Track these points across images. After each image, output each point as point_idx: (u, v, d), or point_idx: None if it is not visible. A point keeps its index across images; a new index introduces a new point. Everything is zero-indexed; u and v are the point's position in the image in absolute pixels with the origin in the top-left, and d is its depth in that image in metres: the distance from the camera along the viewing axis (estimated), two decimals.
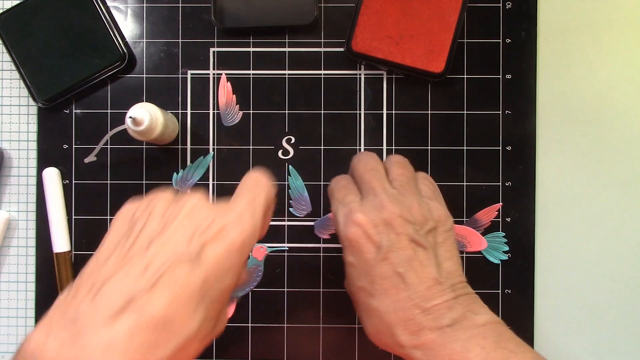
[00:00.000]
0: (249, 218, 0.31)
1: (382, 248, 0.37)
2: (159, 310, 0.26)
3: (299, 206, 0.52)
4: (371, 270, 0.37)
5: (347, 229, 0.38)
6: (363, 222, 0.38)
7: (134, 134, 0.45)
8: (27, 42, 0.50)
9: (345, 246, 0.39)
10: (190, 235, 0.29)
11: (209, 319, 0.29)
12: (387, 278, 0.37)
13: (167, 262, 0.28)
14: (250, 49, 0.52)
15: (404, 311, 0.36)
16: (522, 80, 0.52)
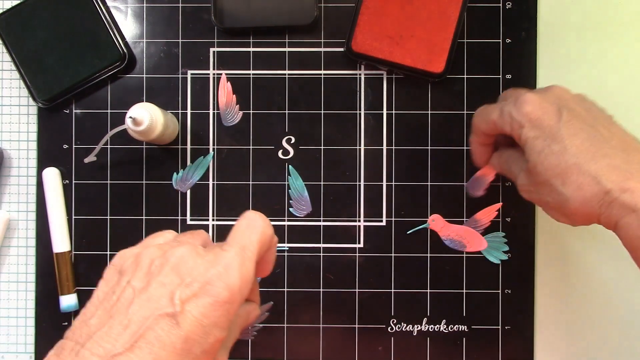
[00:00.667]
0: (236, 269, 0.29)
1: (563, 114, 0.38)
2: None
3: (299, 206, 0.52)
4: (557, 132, 0.37)
5: (522, 108, 0.39)
6: (535, 98, 0.39)
7: (134, 134, 0.45)
8: (27, 42, 0.50)
9: (524, 125, 0.39)
10: (172, 290, 0.28)
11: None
12: (577, 134, 0.37)
13: (147, 321, 0.27)
14: (250, 49, 0.52)
15: (606, 158, 0.36)
16: (522, 80, 0.52)
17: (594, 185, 0.36)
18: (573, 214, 0.38)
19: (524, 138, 0.39)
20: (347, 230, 0.52)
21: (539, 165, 0.38)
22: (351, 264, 0.52)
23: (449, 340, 0.51)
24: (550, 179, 0.37)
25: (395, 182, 0.52)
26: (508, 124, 0.40)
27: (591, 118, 0.38)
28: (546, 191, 0.38)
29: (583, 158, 0.36)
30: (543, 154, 0.38)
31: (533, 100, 0.39)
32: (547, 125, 0.38)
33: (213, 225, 0.52)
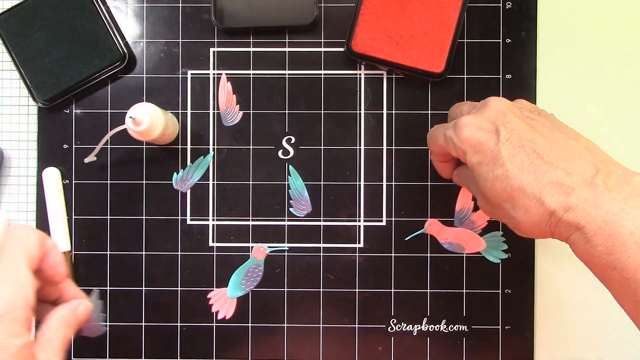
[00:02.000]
0: (4, 282, 0.31)
1: (500, 132, 0.37)
2: None
3: (299, 206, 0.52)
4: (499, 156, 0.37)
5: (460, 134, 0.39)
6: (472, 121, 0.39)
7: (134, 134, 0.45)
8: (27, 42, 0.50)
9: (466, 151, 0.39)
10: None
11: None
12: (517, 155, 0.37)
13: None
14: (250, 49, 0.52)
15: (547, 175, 0.36)
16: (522, 80, 0.52)
17: (539, 207, 0.36)
18: (527, 234, 0.38)
19: (470, 164, 0.39)
20: (347, 230, 0.52)
21: (487, 192, 0.38)
22: (351, 264, 0.52)
23: (449, 340, 0.51)
24: (501, 203, 0.38)
25: (395, 182, 0.52)
26: (453, 150, 0.40)
27: (529, 129, 0.38)
28: (501, 214, 0.39)
29: (526, 179, 0.36)
30: (489, 180, 0.38)
31: (469, 124, 0.39)
32: (487, 149, 0.38)
33: (213, 225, 0.52)
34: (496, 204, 0.38)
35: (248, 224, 0.52)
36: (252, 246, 0.52)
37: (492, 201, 0.38)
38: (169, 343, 0.52)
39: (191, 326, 0.52)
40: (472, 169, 0.39)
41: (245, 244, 0.52)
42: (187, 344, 0.52)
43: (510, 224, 0.39)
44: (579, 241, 0.35)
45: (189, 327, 0.52)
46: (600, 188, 0.35)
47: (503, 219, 0.39)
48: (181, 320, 0.52)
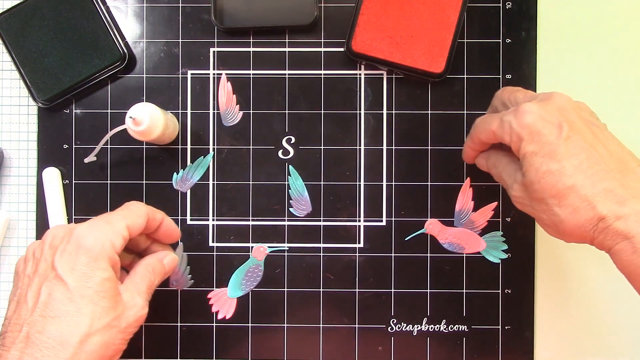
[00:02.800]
0: (94, 231, 0.38)
1: (563, 128, 0.37)
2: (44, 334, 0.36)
3: (299, 206, 0.52)
4: (557, 150, 0.37)
5: (522, 119, 0.38)
6: (536, 110, 0.38)
7: (134, 134, 0.45)
8: (27, 42, 0.50)
9: (523, 138, 0.38)
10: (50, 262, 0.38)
11: (100, 313, 0.36)
12: (576, 155, 0.37)
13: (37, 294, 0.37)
14: (250, 49, 0.52)
15: (604, 181, 0.36)
16: (522, 80, 0.52)
17: (589, 210, 0.36)
18: (567, 234, 0.38)
19: (523, 152, 0.38)
20: (347, 230, 0.52)
21: (535, 183, 0.38)
22: (351, 264, 0.52)
23: (449, 340, 0.51)
24: (546, 198, 0.37)
25: (395, 182, 0.52)
26: (507, 135, 0.39)
27: (591, 134, 0.38)
28: (541, 208, 0.38)
29: (581, 181, 0.36)
30: (541, 172, 0.37)
31: (533, 112, 0.38)
32: (546, 142, 0.37)
33: (213, 225, 0.52)
34: (540, 197, 0.38)
35: (248, 224, 0.52)
36: (252, 246, 0.52)
37: (536, 193, 0.38)
38: (169, 343, 0.51)
39: (191, 326, 0.52)
40: (524, 157, 0.38)
41: (245, 244, 0.52)
42: (187, 344, 0.52)
43: (548, 221, 0.38)
44: (624, 251, 0.35)
45: (189, 327, 0.52)
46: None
47: (541, 214, 0.38)
48: (181, 320, 0.52)
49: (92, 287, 0.36)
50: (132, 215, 0.40)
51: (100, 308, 0.36)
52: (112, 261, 0.38)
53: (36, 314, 0.36)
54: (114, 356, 0.37)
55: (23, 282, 0.38)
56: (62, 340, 0.35)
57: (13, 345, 0.35)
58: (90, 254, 0.37)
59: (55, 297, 0.36)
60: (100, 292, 0.36)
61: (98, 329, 0.36)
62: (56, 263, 0.37)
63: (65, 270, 0.36)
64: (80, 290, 0.36)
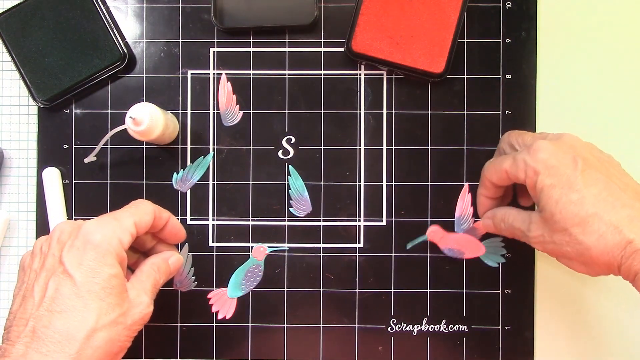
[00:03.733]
0: (102, 227, 0.38)
1: (578, 162, 0.38)
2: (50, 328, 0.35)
3: (299, 206, 0.52)
4: (575, 181, 0.38)
5: (537, 155, 0.39)
6: (549, 146, 0.39)
7: (134, 134, 0.45)
8: (27, 42, 0.50)
9: (540, 172, 0.39)
10: (57, 257, 0.38)
11: (106, 309, 0.36)
12: (594, 184, 0.38)
13: (44, 289, 0.37)
14: (250, 49, 0.52)
15: (626, 208, 0.37)
16: (522, 80, 0.52)
17: (616, 234, 0.36)
18: (594, 262, 0.38)
19: (540, 186, 0.39)
20: (347, 230, 0.52)
21: (557, 214, 0.38)
22: (351, 264, 0.52)
23: (449, 340, 0.51)
24: (569, 227, 0.38)
25: (395, 182, 0.52)
26: (522, 171, 0.40)
27: (604, 168, 0.39)
28: (564, 240, 0.38)
29: (602, 208, 0.37)
30: (561, 202, 0.38)
31: (547, 148, 0.39)
32: (563, 174, 0.38)
33: (213, 225, 0.52)
34: (562, 227, 0.38)
35: (248, 224, 0.52)
36: (252, 246, 0.52)
37: (558, 224, 0.38)
38: (169, 343, 0.52)
39: (191, 326, 0.52)
40: (542, 191, 0.39)
41: (245, 244, 0.52)
42: (187, 344, 0.52)
43: (573, 252, 0.38)
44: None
45: (189, 327, 0.52)
46: None
47: (564, 247, 0.39)
48: (181, 320, 0.52)
49: (100, 283, 0.36)
50: (139, 212, 0.40)
51: (106, 304, 0.36)
52: (120, 258, 0.38)
53: (42, 309, 0.36)
54: (118, 353, 0.38)
55: (29, 277, 0.38)
56: (69, 335, 0.35)
57: (18, 340, 0.35)
58: (98, 249, 0.37)
59: (63, 292, 0.36)
60: (107, 288, 0.37)
61: (104, 325, 0.36)
62: (64, 258, 0.37)
63: (73, 265, 0.36)
64: (87, 286, 0.36)
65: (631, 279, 0.37)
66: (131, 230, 0.39)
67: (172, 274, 0.43)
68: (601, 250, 0.37)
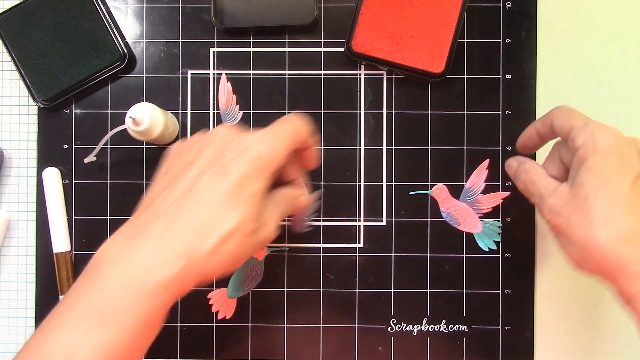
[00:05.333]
0: (269, 139, 0.37)
1: (637, 182, 0.38)
2: (194, 214, 0.35)
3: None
4: (623, 185, 0.37)
5: (607, 136, 0.38)
6: (622, 138, 0.38)
7: (134, 134, 0.45)
8: (27, 42, 0.50)
9: (599, 151, 0.37)
10: (214, 155, 0.37)
11: (248, 219, 0.36)
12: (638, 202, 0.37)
13: (195, 179, 0.36)
14: (250, 49, 0.52)
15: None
16: (522, 80, 0.52)
17: (635, 245, 0.35)
18: (593, 256, 0.36)
19: (590, 163, 0.37)
20: (347, 230, 0.52)
21: (591, 196, 0.36)
22: (351, 264, 0.52)
23: (449, 340, 0.51)
24: (595, 214, 0.36)
25: (395, 182, 0.52)
26: (584, 138, 0.38)
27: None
28: (580, 223, 0.37)
29: (634, 220, 0.36)
30: (602, 190, 0.36)
31: (619, 138, 0.38)
32: (617, 169, 0.37)
33: None
34: (588, 211, 0.37)
35: None
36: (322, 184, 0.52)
37: (587, 206, 0.37)
38: (169, 343, 0.51)
39: (191, 326, 0.52)
40: (589, 168, 0.37)
41: None
42: (187, 344, 0.52)
43: (582, 236, 0.36)
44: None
45: (189, 327, 0.52)
46: None
47: (575, 227, 0.37)
48: (181, 320, 0.52)
49: (248, 193, 0.36)
50: (300, 133, 0.40)
51: (248, 215, 0.36)
52: (274, 174, 0.38)
53: (189, 195, 0.35)
54: (237, 264, 0.37)
55: (181, 164, 0.37)
56: (208, 229, 0.34)
57: (158, 219, 0.35)
58: (259, 161, 0.36)
59: (212, 189, 0.35)
60: (252, 200, 0.36)
61: (239, 234, 0.35)
62: (221, 160, 0.36)
63: (231, 168, 0.36)
64: (237, 191, 0.35)
65: (626, 298, 0.36)
66: (289, 149, 0.38)
67: (295, 211, 0.44)
68: (610, 250, 0.35)
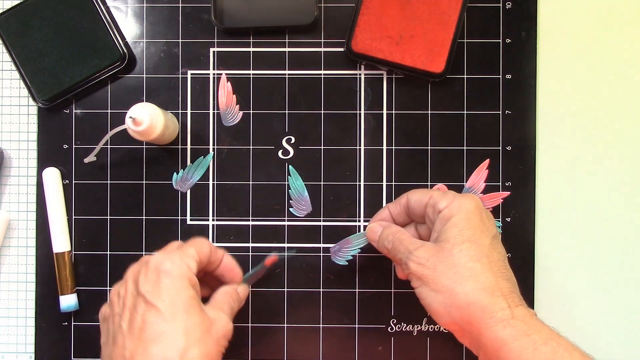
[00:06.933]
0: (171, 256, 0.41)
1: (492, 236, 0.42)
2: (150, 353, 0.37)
3: (299, 206, 0.52)
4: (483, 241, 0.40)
5: (467, 201, 0.42)
6: (480, 202, 0.42)
7: (134, 134, 0.45)
8: (27, 42, 0.50)
9: (462, 210, 0.41)
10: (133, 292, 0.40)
11: (194, 325, 0.38)
12: (499, 255, 0.41)
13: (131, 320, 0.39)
14: (250, 49, 0.52)
15: (515, 289, 0.40)
16: (522, 80, 0.52)
17: (498, 297, 0.38)
18: (457, 306, 0.38)
19: (454, 222, 0.40)
20: (347, 230, 0.52)
21: (456, 249, 0.39)
22: (351, 264, 0.52)
23: (449, 340, 0.51)
24: (461, 265, 0.39)
25: (395, 182, 0.52)
26: (446, 201, 0.41)
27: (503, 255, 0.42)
28: (447, 274, 0.39)
29: (497, 271, 0.39)
30: (465, 244, 0.40)
31: (478, 203, 0.41)
32: (477, 229, 0.40)
33: (213, 225, 0.52)
34: (454, 263, 0.40)
35: (248, 224, 0.52)
36: (322, 184, 0.52)
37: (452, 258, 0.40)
38: None
39: None
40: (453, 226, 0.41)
41: (246, 244, 0.52)
42: None
43: (447, 287, 0.39)
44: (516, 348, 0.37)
45: None
46: None
47: (442, 278, 0.40)
48: None
49: (181, 306, 0.38)
50: (197, 244, 0.43)
51: (192, 323, 0.38)
52: (192, 282, 0.40)
53: (135, 341, 0.37)
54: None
55: (114, 322, 0.40)
56: (166, 357, 0.37)
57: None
58: (171, 276, 0.39)
59: (150, 320, 0.37)
60: (189, 309, 0.38)
61: (194, 342, 0.38)
62: (142, 291, 0.38)
63: (153, 295, 0.38)
64: (170, 310, 0.38)
65: (496, 347, 0.37)
66: (195, 257, 0.41)
67: (241, 302, 0.45)
68: (476, 300, 0.38)
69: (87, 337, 0.52)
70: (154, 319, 0.37)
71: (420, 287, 0.41)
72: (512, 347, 0.36)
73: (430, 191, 0.44)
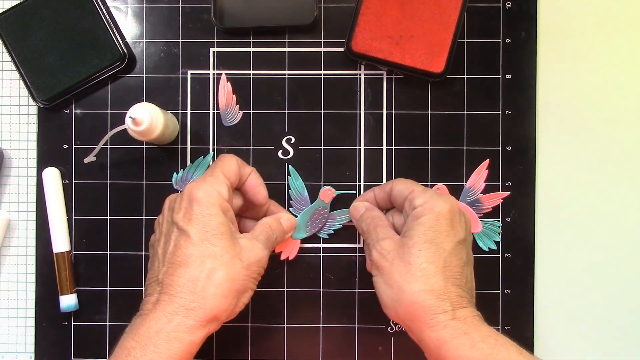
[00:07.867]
0: (199, 184, 0.43)
1: (460, 242, 0.43)
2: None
3: (299, 206, 0.52)
4: (445, 245, 0.41)
5: (442, 203, 0.42)
6: (455, 205, 0.43)
7: (134, 134, 0.45)
8: (27, 42, 0.50)
9: (434, 212, 0.42)
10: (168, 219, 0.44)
11: (222, 249, 0.41)
12: (459, 260, 0.42)
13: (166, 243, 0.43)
14: (250, 49, 0.52)
15: (465, 294, 0.41)
16: (522, 80, 0.52)
17: (444, 300, 0.39)
18: (404, 302, 0.40)
19: (423, 221, 0.41)
20: (347, 230, 0.52)
21: (415, 248, 0.40)
22: (351, 264, 0.52)
23: None
24: (415, 265, 0.40)
25: None
26: (422, 199, 0.42)
27: (470, 262, 0.43)
28: (400, 271, 0.40)
29: (450, 275, 0.40)
30: (426, 245, 0.40)
31: (453, 205, 0.42)
32: (443, 232, 0.41)
33: None
34: (409, 261, 0.41)
35: None
36: (322, 184, 0.51)
37: (409, 256, 0.41)
38: None
39: None
40: (421, 225, 0.41)
41: None
42: None
43: (398, 282, 0.40)
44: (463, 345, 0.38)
45: None
46: None
47: (395, 273, 0.41)
48: None
49: (210, 231, 0.41)
50: (225, 164, 0.44)
51: (220, 248, 0.40)
52: (223, 207, 0.42)
53: (166, 263, 0.41)
54: (243, 292, 0.42)
55: (154, 246, 0.43)
56: (192, 277, 0.39)
57: (151, 293, 0.41)
58: (201, 204, 0.41)
59: (180, 245, 0.40)
60: (217, 235, 0.41)
61: (221, 265, 0.40)
62: (175, 219, 0.41)
63: (184, 222, 0.41)
64: (199, 235, 0.40)
65: (436, 345, 0.38)
66: (224, 182, 0.43)
67: (286, 232, 0.48)
68: (422, 300, 0.39)
69: (87, 337, 0.52)
70: (184, 244, 0.40)
71: (376, 277, 0.43)
72: (451, 345, 0.38)
73: (414, 185, 0.45)
